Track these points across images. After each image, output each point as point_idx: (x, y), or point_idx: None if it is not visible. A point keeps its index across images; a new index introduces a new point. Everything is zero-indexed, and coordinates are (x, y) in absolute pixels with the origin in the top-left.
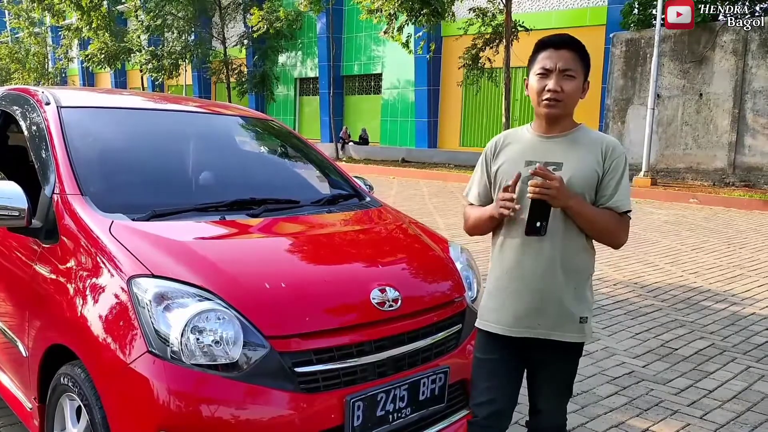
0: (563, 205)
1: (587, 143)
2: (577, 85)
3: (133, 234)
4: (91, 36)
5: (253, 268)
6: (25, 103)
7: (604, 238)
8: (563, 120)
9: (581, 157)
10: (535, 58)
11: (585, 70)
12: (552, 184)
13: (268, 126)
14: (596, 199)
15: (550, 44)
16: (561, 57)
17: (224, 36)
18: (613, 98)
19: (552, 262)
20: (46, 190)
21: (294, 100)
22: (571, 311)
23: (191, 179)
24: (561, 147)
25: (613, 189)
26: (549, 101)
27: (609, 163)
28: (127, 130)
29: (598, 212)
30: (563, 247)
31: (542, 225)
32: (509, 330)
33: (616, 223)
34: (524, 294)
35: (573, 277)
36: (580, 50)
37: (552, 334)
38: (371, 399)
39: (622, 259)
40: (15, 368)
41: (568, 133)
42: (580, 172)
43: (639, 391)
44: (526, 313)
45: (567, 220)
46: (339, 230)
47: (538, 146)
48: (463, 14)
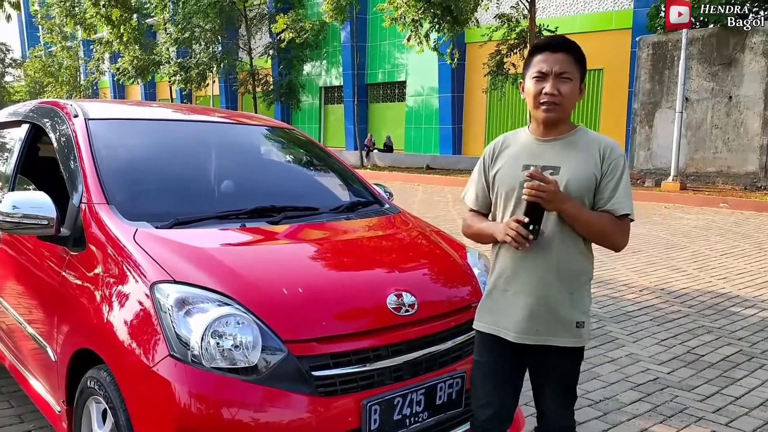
0: (558, 209)
1: (585, 146)
2: (573, 88)
3: (156, 241)
4: (121, 50)
5: (271, 274)
6: (55, 116)
7: (602, 242)
8: (561, 123)
9: (579, 160)
10: (531, 61)
11: (581, 72)
12: (547, 187)
13: (289, 135)
14: (594, 201)
15: (546, 47)
16: (557, 60)
17: (250, 47)
18: (641, 102)
19: (549, 267)
20: (74, 199)
21: (319, 108)
22: (568, 317)
23: (213, 188)
24: (558, 150)
25: (611, 191)
26: (546, 104)
27: (607, 165)
28: (151, 141)
29: (595, 216)
30: (560, 252)
31: (535, 228)
32: (507, 334)
33: (613, 226)
34: (522, 298)
35: (570, 282)
36: (575, 53)
37: (550, 340)
38: (388, 403)
39: (649, 264)
40: (45, 372)
41: (566, 136)
42: (578, 175)
43: (663, 397)
44: (524, 318)
45: (564, 225)
46: (357, 236)
47: (536, 149)
48: (488, 20)
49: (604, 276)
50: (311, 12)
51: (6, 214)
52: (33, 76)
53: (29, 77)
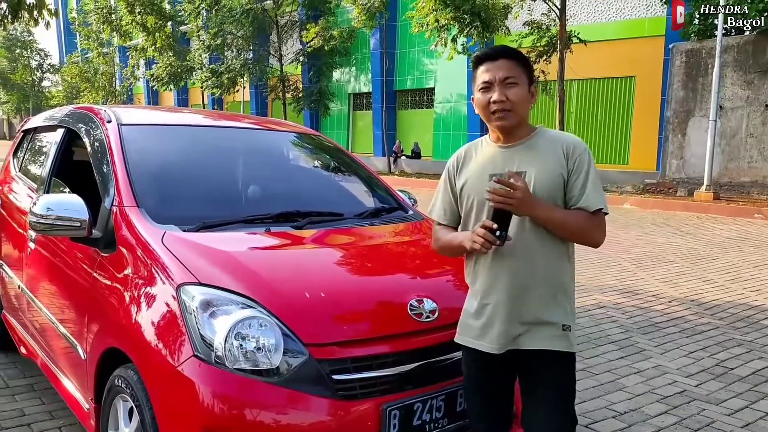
0: (529, 214)
1: (547, 146)
2: (521, 91)
3: (183, 244)
4: (155, 56)
5: (294, 278)
6: (89, 121)
7: (580, 240)
8: (519, 128)
9: (543, 161)
10: (475, 74)
11: (527, 76)
12: (515, 193)
13: (316, 141)
14: (566, 200)
15: (486, 58)
16: (499, 67)
17: (281, 53)
18: (673, 110)
19: (529, 272)
20: (105, 202)
21: (348, 115)
22: (553, 320)
23: (240, 192)
24: (522, 155)
25: (581, 188)
26: (497, 112)
27: (572, 162)
28: (181, 146)
29: (568, 215)
30: (540, 256)
31: (502, 234)
32: (491, 347)
33: (589, 223)
34: (502, 308)
35: (553, 285)
36: (517, 57)
37: (536, 344)
38: (408, 408)
39: (679, 275)
40: (75, 371)
41: (527, 140)
42: (545, 177)
43: (690, 410)
44: (506, 329)
45: (539, 228)
46: (380, 242)
47: (499, 157)
48: (517, 27)
49: (633, 286)
50: (341, 19)
51: (40, 216)
52: (70, 81)
53: (66, 82)
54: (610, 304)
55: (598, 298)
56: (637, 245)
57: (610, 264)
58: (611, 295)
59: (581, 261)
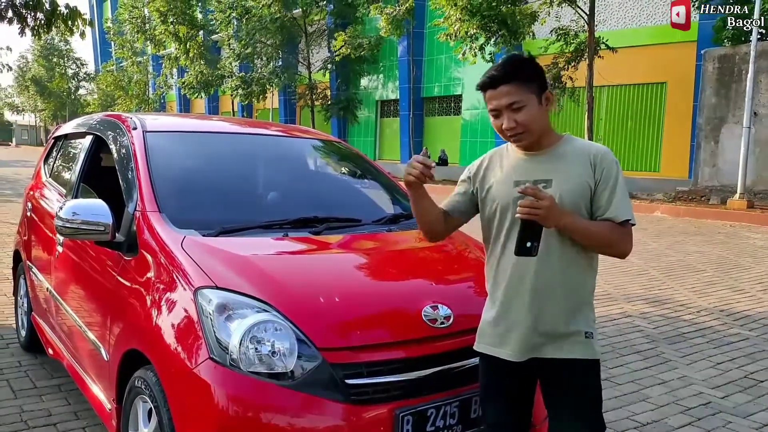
0: (556, 225)
1: (574, 155)
2: (530, 111)
3: (202, 248)
4: (187, 65)
5: (310, 283)
6: (117, 128)
7: (606, 251)
8: (542, 138)
9: (570, 170)
10: (484, 97)
11: (535, 89)
12: (542, 204)
13: (336, 148)
14: (593, 211)
15: (487, 86)
16: (501, 94)
17: (309, 61)
18: (706, 117)
19: (552, 282)
20: (129, 207)
21: (375, 122)
22: (575, 328)
23: (259, 198)
24: (547, 163)
25: (608, 198)
26: (513, 137)
27: (600, 172)
28: (203, 153)
29: (596, 225)
30: (563, 265)
31: (533, 245)
32: (511, 355)
33: (616, 234)
34: (525, 316)
35: (575, 294)
36: (517, 77)
37: (559, 353)
38: (421, 414)
39: (709, 285)
40: (98, 371)
41: (553, 148)
42: (571, 187)
43: (715, 423)
44: (528, 336)
45: (564, 238)
46: (397, 248)
47: (524, 165)
48: (544, 34)
49: (661, 295)
50: (369, 27)
51: (66, 220)
52: (105, 89)
53: (101, 90)
54: (636, 313)
55: (624, 307)
56: (667, 254)
57: (639, 273)
58: (638, 304)
59: (608, 269)
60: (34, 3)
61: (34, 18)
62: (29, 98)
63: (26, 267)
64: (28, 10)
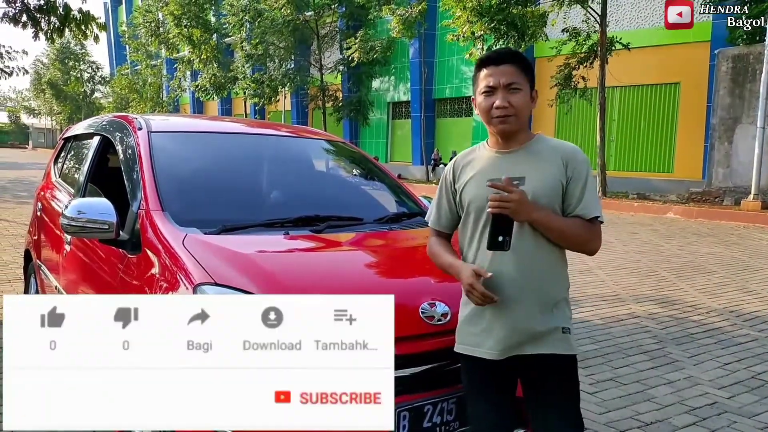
0: (528, 219)
1: (547, 153)
2: (524, 97)
3: (203, 246)
4: (200, 68)
5: (309, 280)
6: (123, 129)
7: (577, 248)
8: (519, 133)
9: (543, 168)
10: (478, 76)
11: (530, 81)
12: (511, 197)
13: (339, 148)
14: (564, 208)
15: (490, 61)
16: (503, 72)
17: (321, 63)
18: (719, 117)
19: (528, 277)
20: (133, 206)
21: (386, 123)
22: (552, 324)
23: (261, 197)
24: (521, 160)
25: (579, 196)
26: (500, 118)
27: (571, 170)
28: (207, 153)
29: (567, 222)
30: (537, 261)
31: (505, 240)
32: (491, 354)
33: (586, 230)
34: (502, 313)
35: (551, 290)
36: (521, 62)
37: (537, 349)
38: (418, 410)
39: (720, 286)
40: None
41: (526, 146)
42: (544, 183)
43: (720, 423)
44: (506, 334)
45: (537, 234)
46: (397, 246)
47: (498, 163)
48: (557, 34)
49: (671, 296)
50: (381, 29)
51: (72, 218)
52: (119, 92)
53: (116, 94)
54: (644, 313)
55: (632, 307)
56: (678, 255)
57: (648, 274)
58: (647, 304)
59: (617, 270)
60: (48, 7)
61: (48, 22)
62: (45, 101)
63: (36, 266)
64: (42, 15)
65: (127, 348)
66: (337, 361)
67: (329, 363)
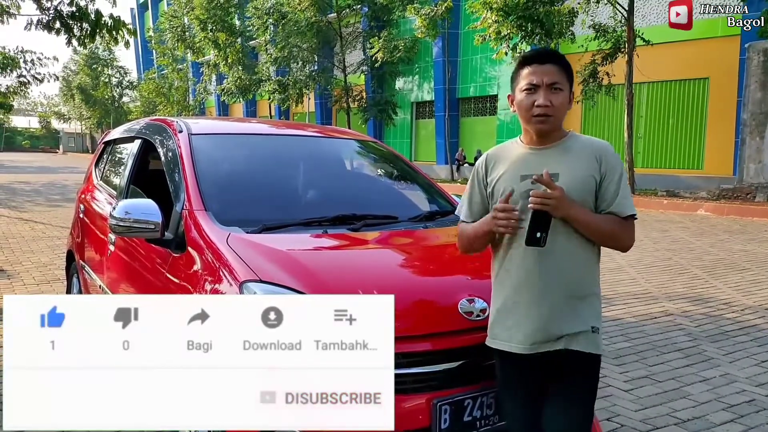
0: (564, 215)
1: (579, 150)
2: (564, 98)
3: (246, 244)
4: (225, 72)
5: (348, 276)
6: (163, 132)
7: (610, 244)
8: (553, 131)
9: (576, 165)
10: (519, 74)
11: (570, 82)
12: (553, 194)
13: (372, 148)
14: (597, 204)
15: (534, 60)
16: (546, 71)
17: (344, 64)
18: (750, 112)
19: (559, 273)
20: (177, 206)
21: (410, 123)
22: (583, 321)
23: (299, 197)
24: (554, 157)
25: (614, 193)
26: (540, 116)
27: (604, 167)
28: (245, 154)
29: (602, 219)
30: (569, 257)
31: (542, 236)
32: (526, 348)
33: (621, 227)
34: (533, 308)
35: (581, 286)
36: (563, 63)
37: (570, 345)
38: (458, 404)
39: (754, 283)
40: None
41: (560, 143)
42: (577, 180)
43: (758, 420)
44: (537, 328)
45: (570, 231)
46: (433, 244)
47: (531, 159)
48: (584, 31)
49: (704, 294)
50: (404, 28)
51: (119, 219)
52: (147, 96)
53: (143, 98)
54: (678, 311)
55: (665, 305)
56: (710, 252)
57: (681, 271)
58: (680, 302)
59: (648, 268)
60: (80, 14)
61: (80, 28)
62: (75, 107)
63: (79, 266)
64: (74, 21)
65: (127, 348)
66: (337, 361)
67: (329, 363)
